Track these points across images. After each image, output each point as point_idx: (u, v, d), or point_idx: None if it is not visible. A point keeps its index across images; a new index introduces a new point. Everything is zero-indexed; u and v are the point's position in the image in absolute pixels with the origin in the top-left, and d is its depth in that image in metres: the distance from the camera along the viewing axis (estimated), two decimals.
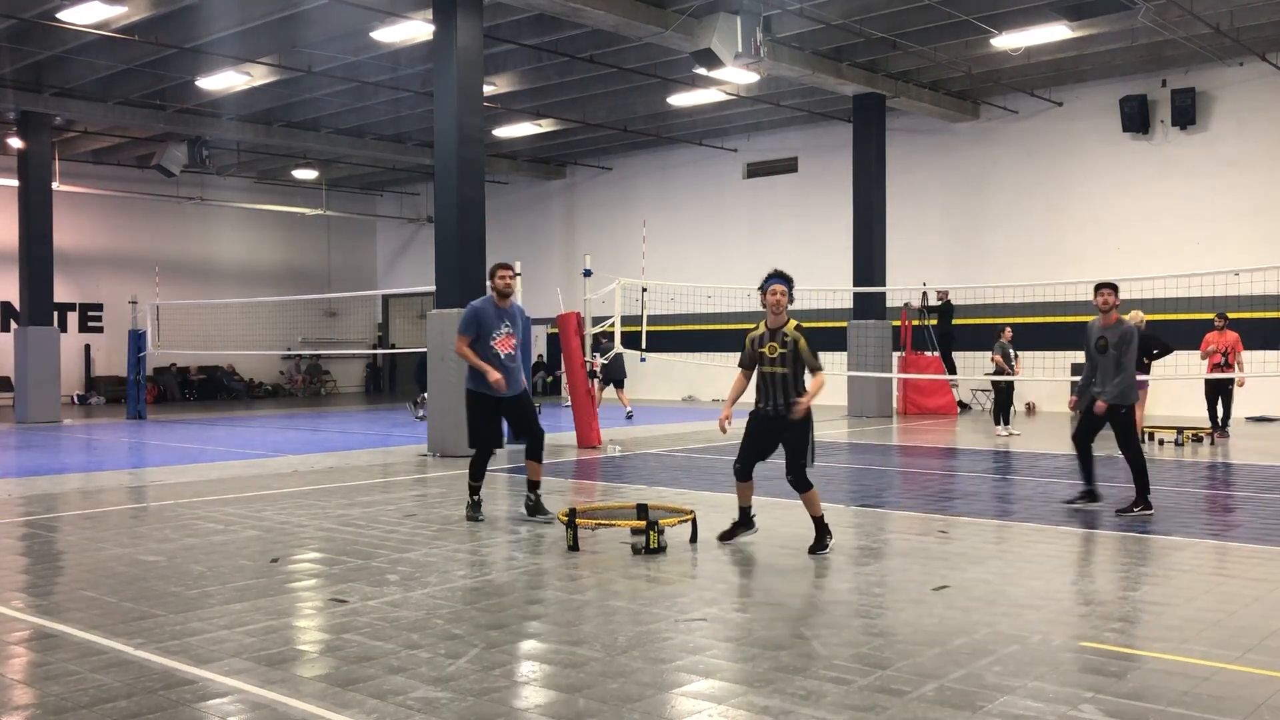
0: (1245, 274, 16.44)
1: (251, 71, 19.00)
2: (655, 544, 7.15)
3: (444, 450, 13.59)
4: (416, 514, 8.99)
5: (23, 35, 17.55)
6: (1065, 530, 8.04)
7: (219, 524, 8.54)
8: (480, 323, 8.39)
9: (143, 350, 22.29)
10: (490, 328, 8.39)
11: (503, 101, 21.75)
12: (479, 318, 8.41)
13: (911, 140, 23.19)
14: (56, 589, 6.40)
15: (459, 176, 13.87)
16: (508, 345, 8.45)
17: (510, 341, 8.47)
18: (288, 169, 29.34)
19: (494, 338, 8.39)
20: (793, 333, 7.03)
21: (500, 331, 8.42)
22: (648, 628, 5.32)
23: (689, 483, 10.94)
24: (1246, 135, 19.49)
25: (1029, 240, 21.85)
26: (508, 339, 8.46)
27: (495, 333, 8.40)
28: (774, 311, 7.10)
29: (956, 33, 17.47)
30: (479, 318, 8.41)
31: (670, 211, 27.36)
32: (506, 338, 8.45)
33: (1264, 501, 9.52)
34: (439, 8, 13.99)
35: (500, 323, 8.43)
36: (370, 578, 6.51)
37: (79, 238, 27.66)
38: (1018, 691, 4.33)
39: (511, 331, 8.49)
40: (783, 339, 7.04)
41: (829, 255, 23.51)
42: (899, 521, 8.60)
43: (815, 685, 4.42)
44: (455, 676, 4.58)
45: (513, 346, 8.49)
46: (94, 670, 4.70)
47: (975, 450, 14.37)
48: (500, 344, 8.41)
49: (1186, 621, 5.39)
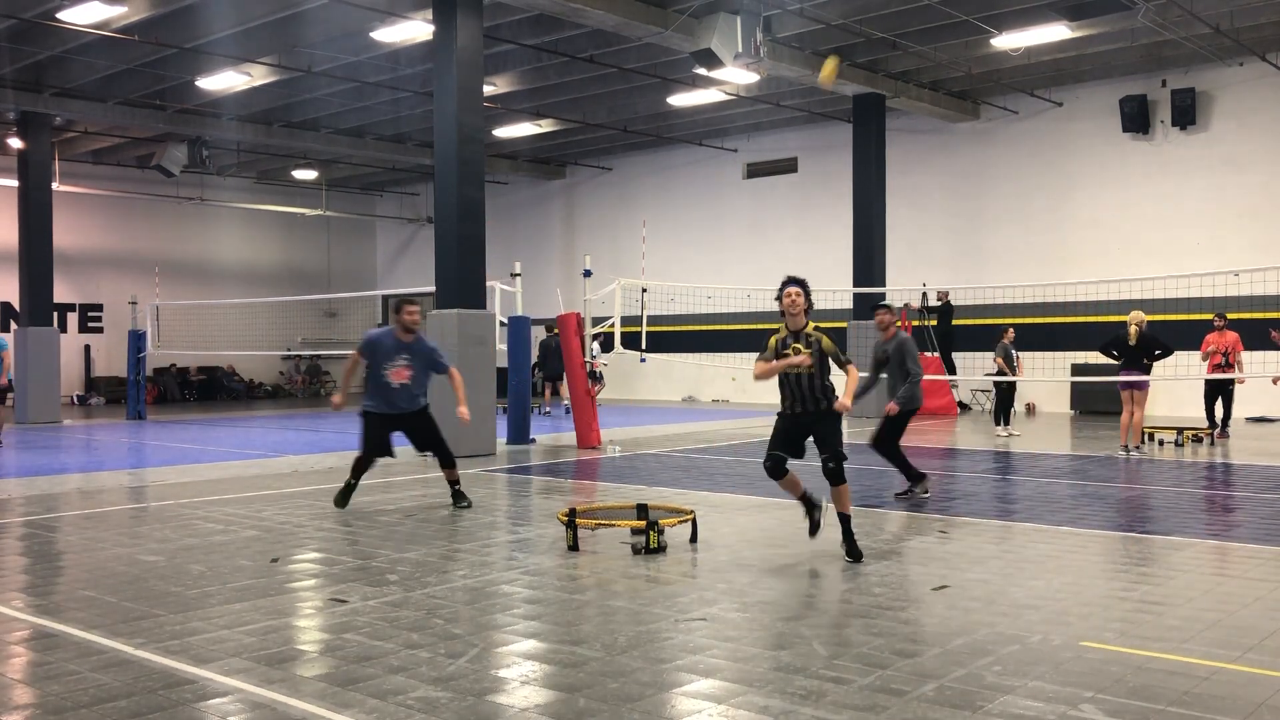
0: (1245, 274, 16.43)
1: (251, 71, 19.00)
2: (655, 544, 7.15)
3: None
4: (416, 514, 9.00)
5: (23, 35, 17.55)
6: (1065, 530, 8.04)
7: (219, 524, 8.54)
8: (374, 352, 9.05)
9: (143, 350, 22.29)
10: (384, 358, 8.99)
11: (503, 101, 21.75)
12: (373, 348, 9.06)
13: (911, 140, 23.19)
14: (56, 589, 6.40)
15: (459, 176, 13.86)
16: (402, 376, 9.03)
17: (405, 373, 9.04)
18: (288, 169, 29.34)
19: (387, 368, 8.99)
20: (815, 334, 7.03)
21: (395, 363, 9.00)
22: (648, 628, 5.32)
23: (689, 483, 10.94)
24: (1246, 135, 19.49)
25: (1029, 240, 21.84)
26: (403, 370, 9.02)
27: (389, 363, 8.99)
28: (790, 313, 7.03)
29: (956, 33, 17.47)
30: (373, 348, 9.06)
31: (670, 211, 27.35)
32: (403, 369, 9.02)
33: (1264, 501, 9.52)
34: (439, 8, 13.98)
35: (398, 354, 9.01)
36: (370, 578, 6.51)
37: (79, 238, 27.66)
38: (1018, 691, 4.33)
39: (409, 364, 9.04)
40: (806, 340, 7.01)
41: (829, 255, 23.51)
42: (899, 521, 8.60)
43: (815, 685, 4.42)
44: (455, 676, 4.58)
45: (408, 378, 9.05)
46: (94, 670, 4.70)
47: (975, 450, 14.37)
48: (394, 374, 9.00)
49: (1186, 621, 5.38)
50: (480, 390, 13.82)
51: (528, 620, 5.53)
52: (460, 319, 13.69)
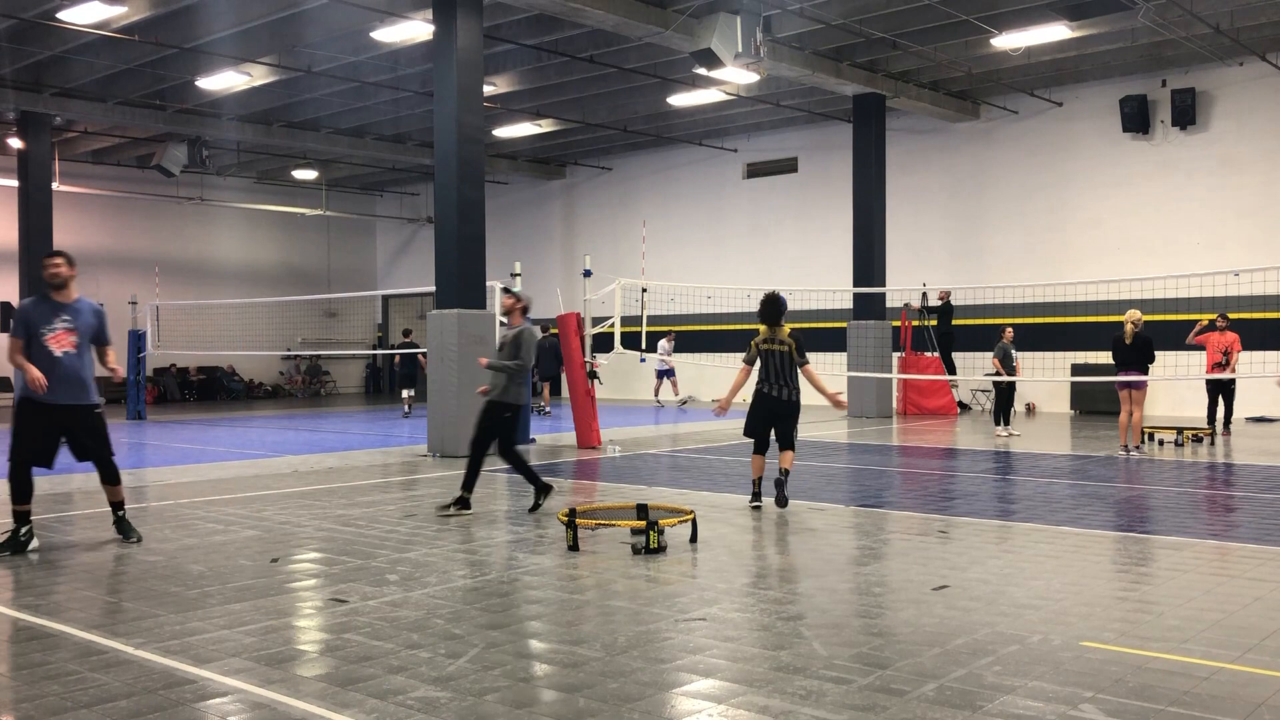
0: (1245, 274, 16.44)
1: (251, 71, 19.00)
2: (655, 544, 7.15)
3: (444, 450, 13.60)
4: (416, 514, 8.99)
5: (23, 35, 17.55)
6: (1065, 530, 8.04)
7: (219, 524, 8.54)
8: (28, 323, 7.35)
9: (143, 350, 22.30)
10: (37, 325, 7.35)
11: (503, 101, 21.74)
12: (26, 318, 7.37)
13: (911, 140, 23.19)
14: (56, 589, 6.40)
15: (459, 176, 13.86)
16: (65, 342, 7.37)
17: (68, 337, 7.38)
18: (288, 169, 29.34)
19: (45, 334, 7.34)
20: (789, 338, 9.01)
21: (54, 327, 7.36)
22: (648, 628, 5.32)
23: (689, 483, 10.94)
24: (1246, 135, 19.49)
25: (1029, 240, 21.84)
26: (65, 334, 7.38)
27: (47, 328, 7.35)
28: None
29: (956, 33, 17.47)
30: (26, 318, 7.37)
31: (670, 211, 27.35)
32: (64, 333, 7.38)
33: (1264, 501, 9.51)
34: (439, 8, 13.99)
35: (55, 317, 7.38)
36: (370, 578, 6.51)
37: (79, 238, 27.61)
38: (1018, 691, 4.33)
39: (72, 327, 7.41)
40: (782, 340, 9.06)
41: (829, 255, 23.52)
42: (899, 521, 8.60)
43: (815, 685, 4.42)
44: (455, 676, 4.58)
45: (72, 344, 7.40)
46: (94, 670, 4.70)
47: (975, 450, 14.37)
48: (54, 340, 7.35)
49: (1186, 621, 5.38)
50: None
51: (528, 620, 5.53)
52: (460, 319, 13.69)
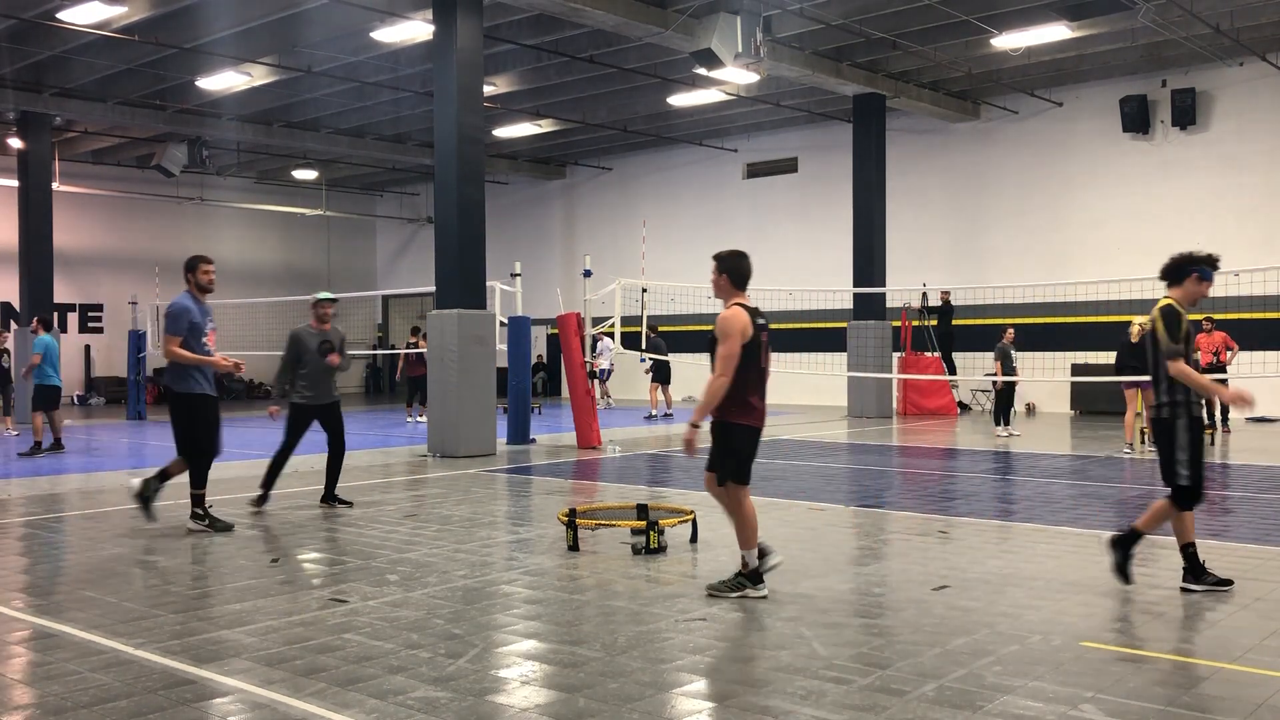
0: (1245, 274, 16.43)
1: (251, 71, 19.01)
2: (655, 544, 7.15)
3: (444, 450, 13.59)
4: (416, 514, 8.99)
5: (23, 35, 17.55)
6: (1065, 530, 8.04)
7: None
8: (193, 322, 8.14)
9: (143, 350, 22.29)
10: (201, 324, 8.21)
11: (503, 101, 21.75)
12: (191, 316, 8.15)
13: (911, 140, 23.19)
14: (56, 589, 6.40)
15: (459, 176, 13.86)
16: (212, 341, 8.33)
17: (214, 337, 8.34)
18: (288, 169, 29.34)
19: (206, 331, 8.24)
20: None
21: (212, 325, 8.33)
22: (648, 628, 5.32)
23: (689, 483, 10.93)
24: (1246, 135, 19.48)
25: (1029, 240, 21.84)
26: (213, 334, 8.35)
27: (209, 326, 8.29)
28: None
29: (956, 33, 17.47)
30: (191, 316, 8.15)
31: (670, 211, 27.35)
32: (213, 333, 8.34)
33: (1264, 501, 9.51)
34: (439, 8, 13.98)
35: (207, 317, 8.31)
36: (370, 578, 6.51)
37: (79, 238, 27.66)
38: (1018, 691, 4.33)
39: (214, 327, 8.37)
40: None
41: (829, 255, 23.50)
42: (899, 521, 8.60)
43: (815, 685, 4.42)
44: (455, 676, 4.58)
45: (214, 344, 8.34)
46: (94, 670, 4.70)
47: (975, 451, 14.37)
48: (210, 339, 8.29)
49: (1186, 621, 5.38)
50: (480, 390, 13.83)
51: (528, 620, 5.53)
52: (460, 319, 13.69)
